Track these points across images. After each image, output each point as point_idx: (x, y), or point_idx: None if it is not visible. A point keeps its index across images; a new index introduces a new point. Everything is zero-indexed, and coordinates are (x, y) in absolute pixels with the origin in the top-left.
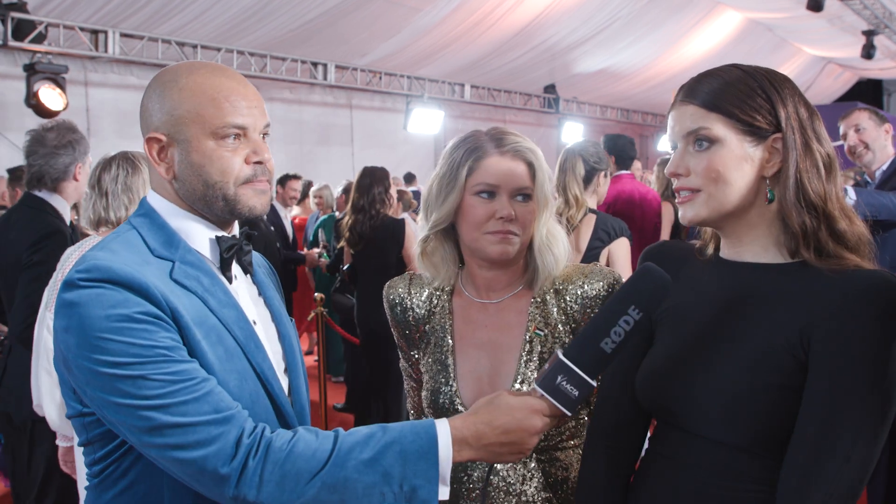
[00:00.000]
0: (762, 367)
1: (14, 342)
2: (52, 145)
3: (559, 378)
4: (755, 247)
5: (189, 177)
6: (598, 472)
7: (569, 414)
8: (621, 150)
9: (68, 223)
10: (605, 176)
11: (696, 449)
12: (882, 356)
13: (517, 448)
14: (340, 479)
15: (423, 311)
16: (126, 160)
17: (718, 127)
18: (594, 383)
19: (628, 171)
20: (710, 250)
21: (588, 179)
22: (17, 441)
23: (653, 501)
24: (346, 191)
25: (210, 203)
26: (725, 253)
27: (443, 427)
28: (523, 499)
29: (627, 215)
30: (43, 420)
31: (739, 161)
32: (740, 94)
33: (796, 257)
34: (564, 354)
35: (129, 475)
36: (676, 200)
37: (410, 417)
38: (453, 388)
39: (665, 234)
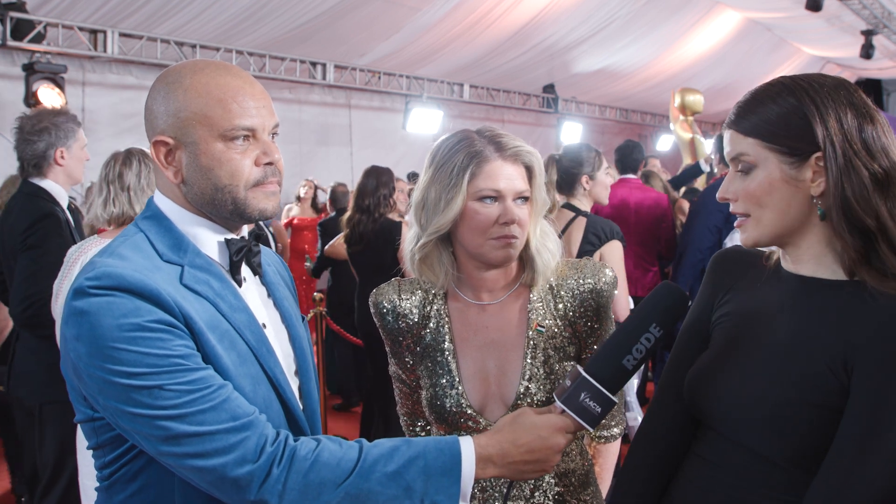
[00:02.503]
0: (804, 385)
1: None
2: (27, 131)
3: (583, 395)
4: (813, 263)
5: (198, 180)
6: (639, 467)
7: (591, 430)
8: (623, 154)
9: (66, 206)
10: (591, 178)
11: (729, 453)
12: None
13: (540, 466)
14: (364, 490)
15: (417, 317)
16: (146, 156)
17: (756, 151)
18: (615, 399)
19: (633, 176)
20: (775, 258)
21: (567, 184)
22: (29, 425)
23: (683, 499)
24: (333, 194)
25: (219, 206)
26: (786, 264)
27: (467, 444)
28: (537, 493)
29: (620, 220)
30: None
31: (780, 184)
32: (776, 115)
33: (854, 276)
34: (587, 371)
35: (138, 479)
36: (735, 222)
37: (402, 422)
38: (460, 391)
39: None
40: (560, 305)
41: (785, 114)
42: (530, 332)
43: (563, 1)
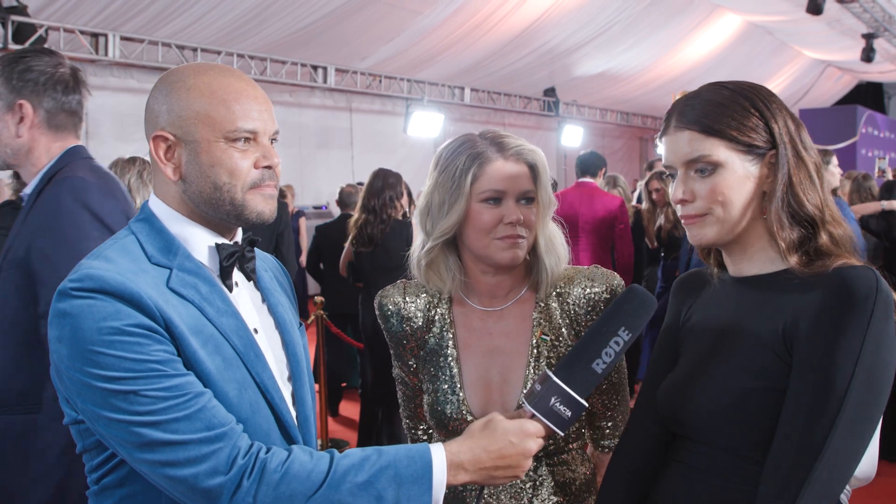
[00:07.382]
0: (750, 372)
1: None
2: None
3: (553, 399)
4: (758, 260)
5: (197, 178)
6: (618, 489)
7: (562, 434)
8: (583, 161)
9: None
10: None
11: (707, 457)
12: (861, 350)
13: (512, 472)
14: (335, 501)
15: (421, 321)
16: (147, 164)
17: (720, 151)
18: (586, 403)
19: (591, 179)
20: (716, 271)
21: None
22: None
23: (669, 501)
24: (340, 194)
25: (217, 206)
26: (731, 270)
27: (438, 452)
28: (535, 500)
29: (571, 220)
30: None
31: (742, 181)
32: (736, 115)
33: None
34: (556, 375)
35: (125, 486)
36: (684, 223)
37: (404, 425)
38: (460, 397)
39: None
40: (567, 312)
41: (746, 115)
42: (534, 341)
43: (565, 4)
